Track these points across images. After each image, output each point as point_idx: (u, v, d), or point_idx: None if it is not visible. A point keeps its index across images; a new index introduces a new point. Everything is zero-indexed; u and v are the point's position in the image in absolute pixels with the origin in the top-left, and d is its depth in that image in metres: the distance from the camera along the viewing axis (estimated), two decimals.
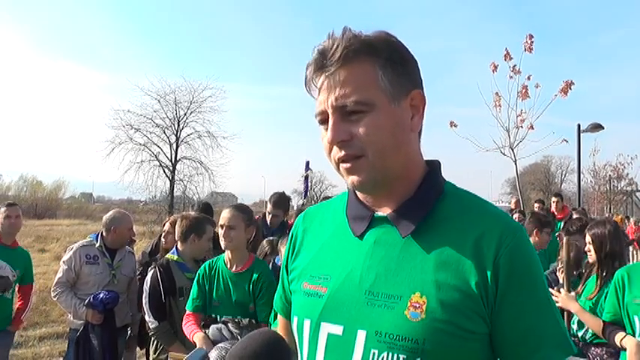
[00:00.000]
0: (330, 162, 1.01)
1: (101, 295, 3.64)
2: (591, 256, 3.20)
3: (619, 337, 2.55)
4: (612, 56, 78.51)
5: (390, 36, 0.99)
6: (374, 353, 0.91)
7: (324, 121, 0.98)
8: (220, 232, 2.78)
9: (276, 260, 3.35)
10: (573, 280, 3.49)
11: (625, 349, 2.51)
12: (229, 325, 2.75)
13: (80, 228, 22.70)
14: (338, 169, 0.99)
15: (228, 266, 2.82)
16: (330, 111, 0.95)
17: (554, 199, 8.25)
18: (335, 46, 0.94)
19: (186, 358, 0.87)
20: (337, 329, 0.96)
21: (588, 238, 3.28)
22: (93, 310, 3.64)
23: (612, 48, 78.07)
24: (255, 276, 2.79)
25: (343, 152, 0.96)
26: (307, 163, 5.68)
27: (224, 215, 2.81)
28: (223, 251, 2.88)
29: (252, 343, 0.87)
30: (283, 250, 1.21)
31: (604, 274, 3.08)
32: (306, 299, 1.04)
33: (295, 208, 6.95)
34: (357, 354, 0.92)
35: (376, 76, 0.94)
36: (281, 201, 4.71)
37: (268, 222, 4.67)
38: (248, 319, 2.76)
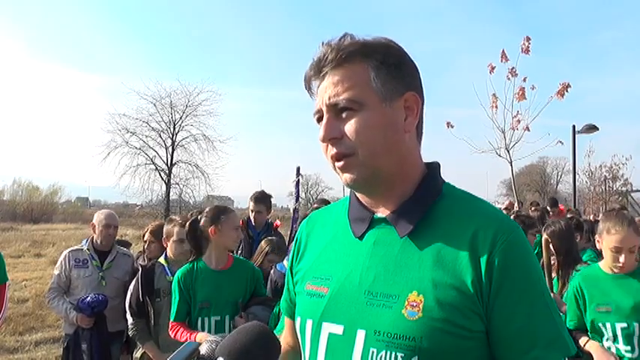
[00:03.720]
0: (327, 160, 1.03)
1: (88, 299, 3.61)
2: (550, 257, 3.32)
3: (582, 341, 2.62)
4: (609, 57, 78.76)
5: (388, 40, 1.02)
6: (373, 352, 0.92)
7: (320, 119, 1.02)
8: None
9: (278, 267, 3.30)
10: None
11: (587, 353, 2.59)
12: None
13: (76, 232, 22.56)
14: (334, 167, 1.02)
15: (213, 266, 2.87)
16: (324, 109, 1.00)
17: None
18: (330, 50, 0.98)
19: (177, 351, 0.87)
20: (338, 329, 0.98)
21: (545, 238, 3.38)
22: (81, 314, 3.62)
23: (609, 48, 78.38)
24: (248, 273, 2.95)
25: (335, 150, 0.99)
26: (298, 169, 5.93)
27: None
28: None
29: (242, 336, 0.88)
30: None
31: (567, 272, 3.21)
32: (309, 300, 1.06)
33: (291, 210, 7.12)
34: (356, 353, 0.94)
35: (368, 77, 0.98)
36: (262, 197, 4.81)
37: (252, 220, 4.73)
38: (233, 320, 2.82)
